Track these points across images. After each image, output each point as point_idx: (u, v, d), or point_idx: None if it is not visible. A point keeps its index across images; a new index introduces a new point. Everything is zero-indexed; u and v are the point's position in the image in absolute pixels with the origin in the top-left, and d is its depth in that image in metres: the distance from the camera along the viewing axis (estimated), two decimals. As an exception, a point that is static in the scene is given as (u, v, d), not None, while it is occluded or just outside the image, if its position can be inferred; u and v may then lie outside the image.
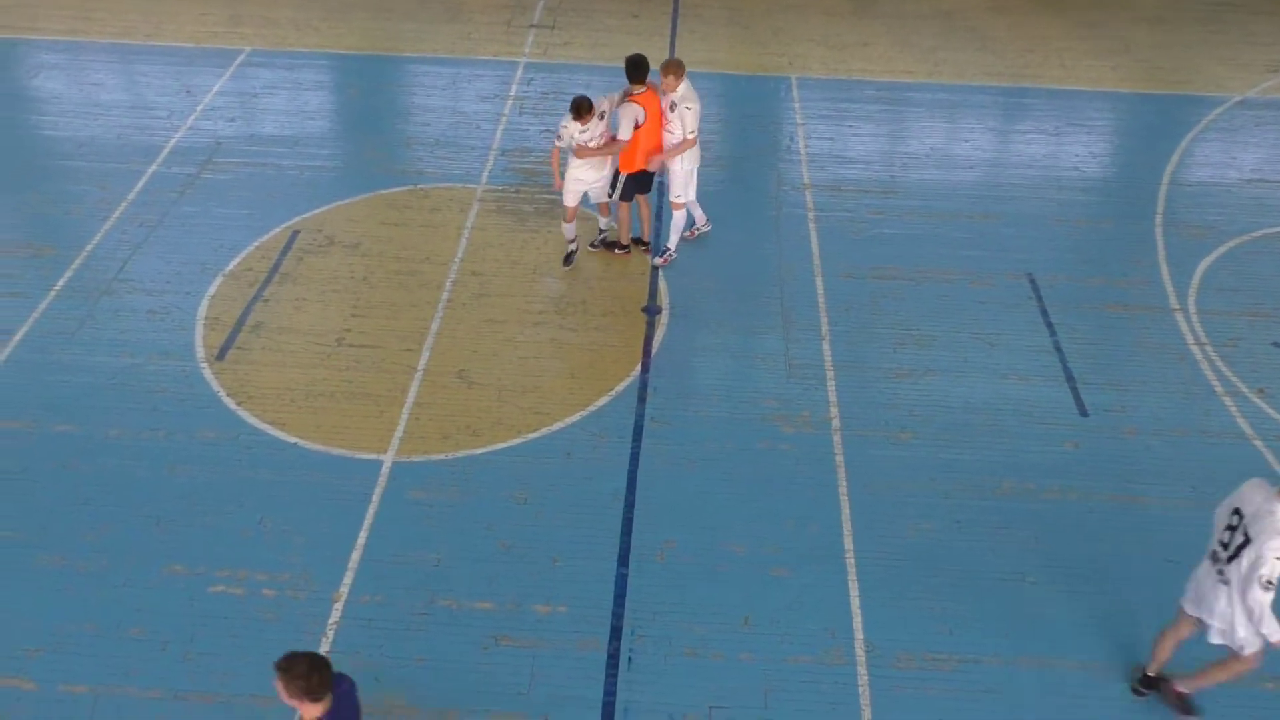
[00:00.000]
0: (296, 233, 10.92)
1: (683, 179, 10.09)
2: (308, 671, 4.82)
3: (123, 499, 8.05)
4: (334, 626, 7.16)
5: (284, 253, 10.61)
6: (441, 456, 8.43)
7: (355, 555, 7.64)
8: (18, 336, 9.49)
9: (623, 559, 7.66)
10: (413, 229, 11.05)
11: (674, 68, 9.69)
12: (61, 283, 10.16)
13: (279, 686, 4.86)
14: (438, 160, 12.21)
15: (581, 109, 9.46)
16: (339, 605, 7.30)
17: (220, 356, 9.36)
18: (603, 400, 8.99)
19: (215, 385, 9.08)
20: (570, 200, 10.15)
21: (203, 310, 9.87)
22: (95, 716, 6.64)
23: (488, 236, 10.93)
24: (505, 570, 7.56)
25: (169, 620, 7.20)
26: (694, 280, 10.40)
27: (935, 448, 8.67)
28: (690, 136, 9.82)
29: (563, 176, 10.15)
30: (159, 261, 10.47)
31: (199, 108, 13.11)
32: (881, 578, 7.62)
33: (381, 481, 8.21)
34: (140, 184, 11.61)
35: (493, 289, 10.21)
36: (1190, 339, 9.92)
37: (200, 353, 9.40)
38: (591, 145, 9.78)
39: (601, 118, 9.73)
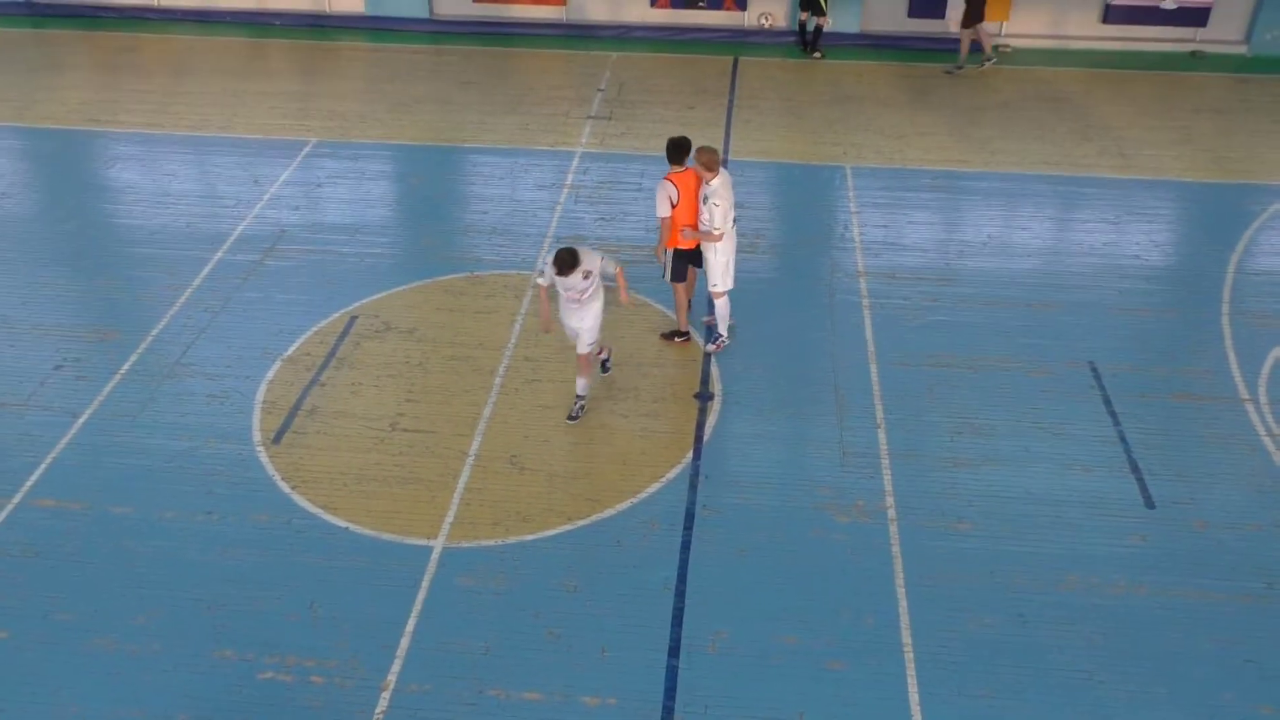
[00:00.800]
0: (355, 318, 11.09)
1: (720, 269, 10.05)
2: None
3: (175, 582, 8.08)
4: (381, 716, 7.06)
5: (341, 338, 10.77)
6: (492, 542, 8.37)
7: (404, 642, 7.56)
8: (82, 419, 9.68)
9: (673, 650, 7.49)
10: (467, 315, 11.17)
11: (704, 156, 9.59)
12: (126, 367, 10.38)
13: None
14: (494, 247, 12.39)
15: (563, 264, 8.76)
16: (386, 694, 7.20)
17: (276, 440, 9.45)
18: (654, 487, 8.91)
19: (270, 469, 9.15)
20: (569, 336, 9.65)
21: (261, 394, 10.01)
22: (138, 803, 6.57)
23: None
24: (554, 660, 7.42)
25: (217, 707, 7.15)
26: (747, 366, 10.34)
27: (995, 539, 8.43)
28: (716, 231, 9.76)
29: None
30: (220, 346, 10.67)
31: (265, 197, 13.49)
32: (941, 674, 7.36)
33: (431, 567, 8.16)
34: (206, 270, 11.91)
35: (545, 374, 10.25)
36: (1261, 429, 9.62)
37: (257, 436, 9.50)
38: (571, 295, 9.14)
39: (586, 276, 8.99)
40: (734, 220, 9.95)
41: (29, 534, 8.51)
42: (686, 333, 10.69)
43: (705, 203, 9.65)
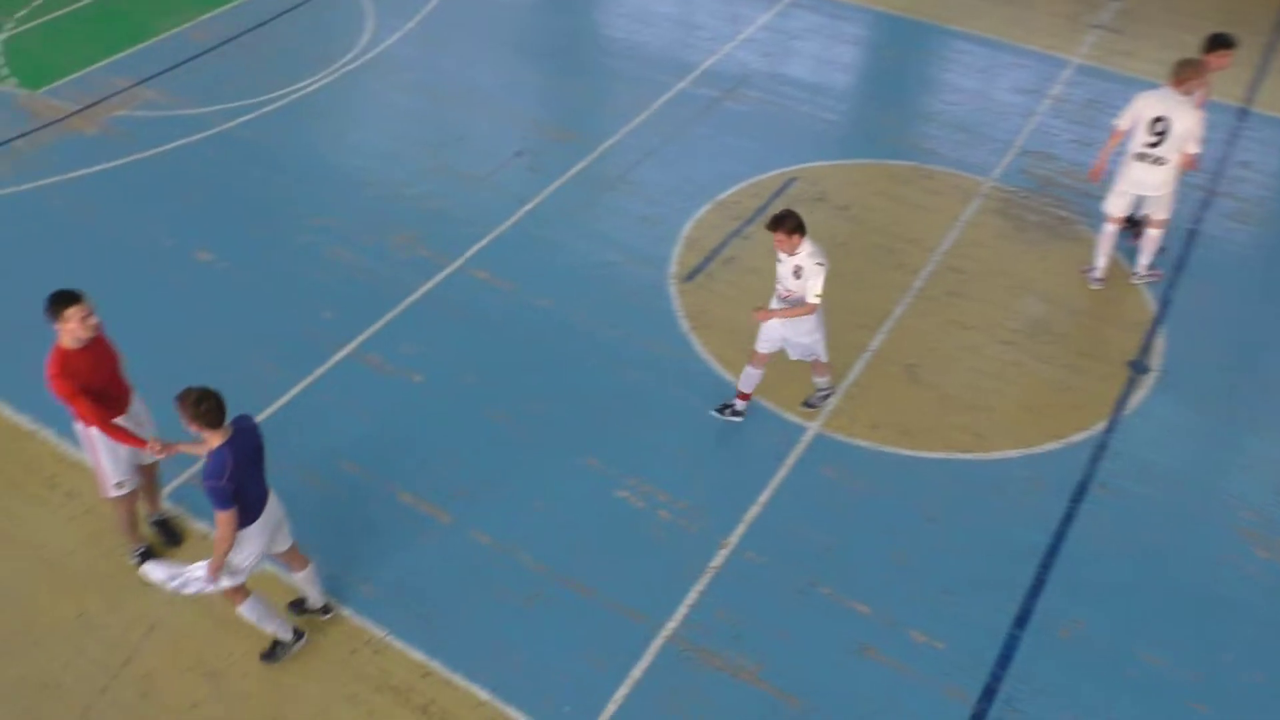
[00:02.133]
0: (793, 180, 10.92)
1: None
2: (197, 400, 5.56)
3: (569, 382, 8.55)
4: (713, 570, 7.18)
5: (775, 195, 10.66)
6: (865, 444, 8.12)
7: (754, 510, 7.58)
8: (527, 207, 10.34)
9: (1020, 620, 6.97)
10: (906, 207, 10.64)
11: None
12: (576, 169, 10.92)
13: (181, 417, 5.61)
14: (953, 143, 11.64)
15: (775, 220, 7.37)
16: (724, 552, 7.30)
17: (689, 278, 9.62)
18: (1051, 445, 8.19)
19: (676, 304, 9.35)
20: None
21: (687, 229, 10.19)
22: (491, 565, 7.16)
23: (981, 235, 10.28)
24: (894, 582, 7.16)
25: (569, 507, 7.58)
26: (1200, 348, 9.11)
27: None
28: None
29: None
30: (662, 173, 10.93)
31: (739, 36, 13.44)
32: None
33: (800, 448, 8.07)
34: (667, 96, 12.14)
35: (969, 291, 9.61)
36: None
37: (673, 269, 9.72)
38: (779, 287, 7.76)
39: (797, 274, 7.52)
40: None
41: (462, 296, 9.31)
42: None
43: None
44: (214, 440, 5.71)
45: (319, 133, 11.31)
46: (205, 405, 5.61)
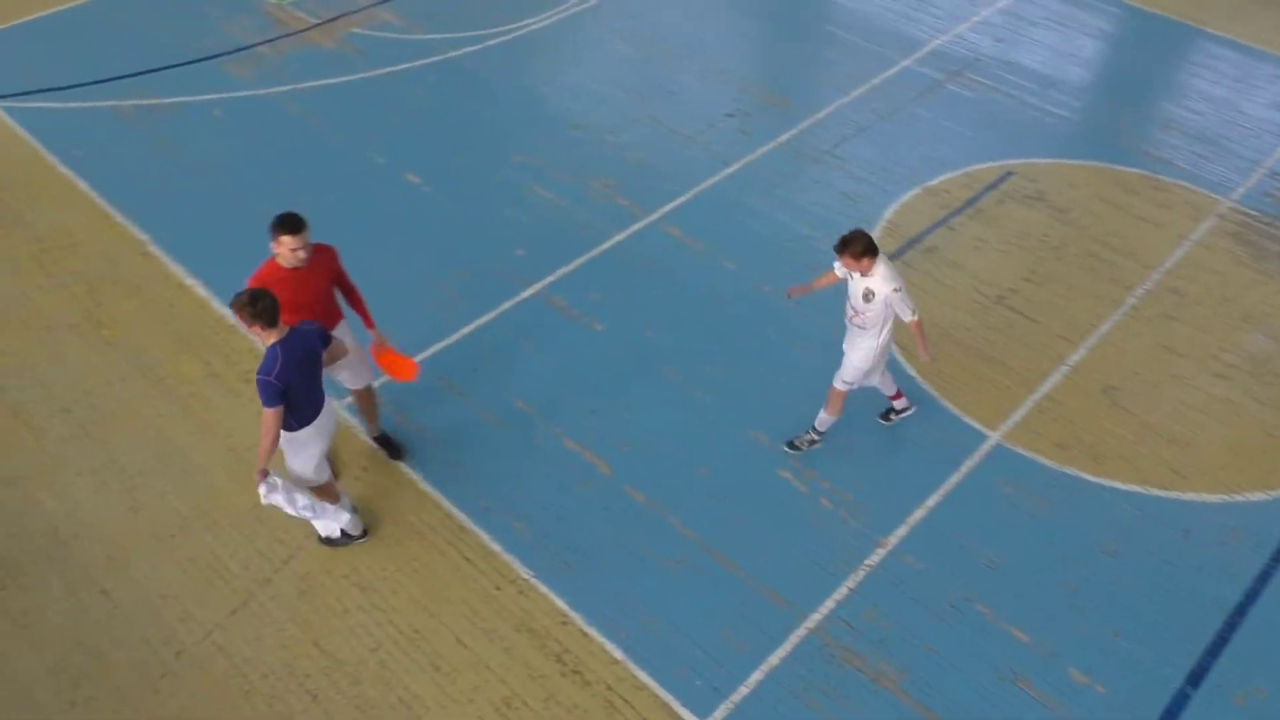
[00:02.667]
0: (1010, 174, 10.36)
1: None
2: (252, 300, 5.76)
3: (747, 352, 8.41)
4: (867, 568, 6.95)
5: (989, 189, 10.14)
6: (1049, 463, 7.67)
7: (918, 513, 7.29)
8: (730, 169, 10.18)
9: (1194, 677, 6.47)
10: (1129, 217, 9.95)
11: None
12: (785, 137, 10.67)
13: (240, 321, 5.83)
14: (1191, 155, 10.79)
15: (843, 242, 6.82)
16: (881, 552, 7.05)
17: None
18: (1257, 495, 7.55)
19: (868, 287, 9.03)
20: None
21: (890, 212, 9.82)
22: (642, 524, 7.14)
23: (1210, 258, 9.52)
24: (1060, 613, 6.76)
25: (731, 478, 7.47)
26: None
27: None
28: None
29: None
30: (873, 150, 10.55)
31: (973, 18, 12.81)
32: None
33: (977, 456, 7.70)
34: (888, 73, 11.70)
35: (1187, 316, 8.92)
36: None
37: (869, 251, 9.39)
38: (848, 311, 7.14)
39: (868, 297, 6.94)
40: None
41: (653, 251, 9.26)
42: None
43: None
44: (269, 338, 5.92)
45: (536, 71, 11.42)
46: (260, 304, 5.81)
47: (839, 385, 7.37)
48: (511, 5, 12.38)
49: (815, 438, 7.67)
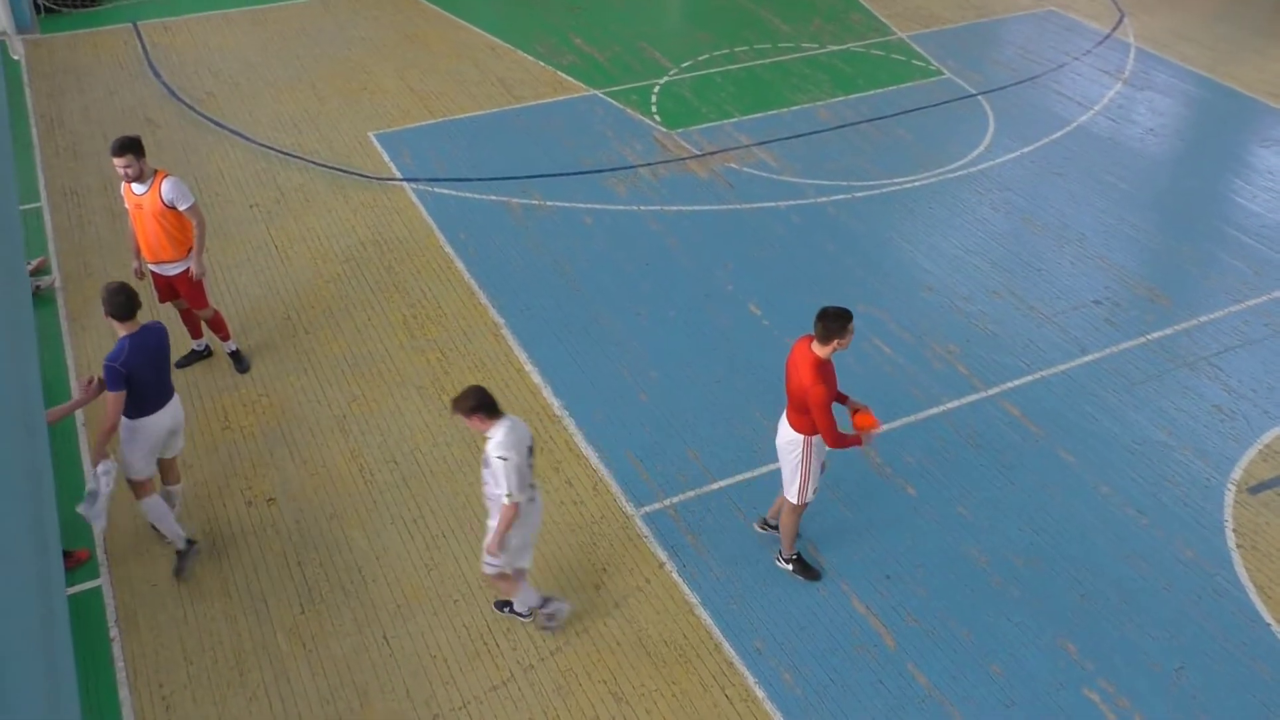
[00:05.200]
0: None
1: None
2: (114, 292, 6.59)
3: (1068, 553, 7.64)
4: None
5: (1400, 433, 8.76)
6: None
7: (1249, 785, 6.18)
8: (1088, 357, 9.48)
9: None
10: None
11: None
12: (1156, 335, 9.82)
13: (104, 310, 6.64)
14: None
15: (462, 400, 6.34)
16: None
17: (1255, 490, 8.19)
18: None
19: (1226, 512, 8.00)
20: None
21: (1269, 437, 8.70)
22: (925, 714, 6.54)
23: None
24: None
25: (1025, 684, 6.72)
26: None
27: None
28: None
29: None
30: (1258, 366, 9.47)
31: None
32: None
33: (1337, 737, 6.46)
34: (1294, 286, 10.55)
35: None
36: None
37: (1236, 474, 8.34)
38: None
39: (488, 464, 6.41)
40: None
41: (984, 425, 8.74)
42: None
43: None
44: (121, 330, 6.68)
45: (899, 228, 11.31)
46: (119, 298, 6.59)
47: (485, 569, 6.65)
48: (889, 162, 12.43)
49: (524, 617, 7.06)
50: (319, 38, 15.18)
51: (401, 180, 11.89)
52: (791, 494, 7.08)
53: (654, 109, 13.52)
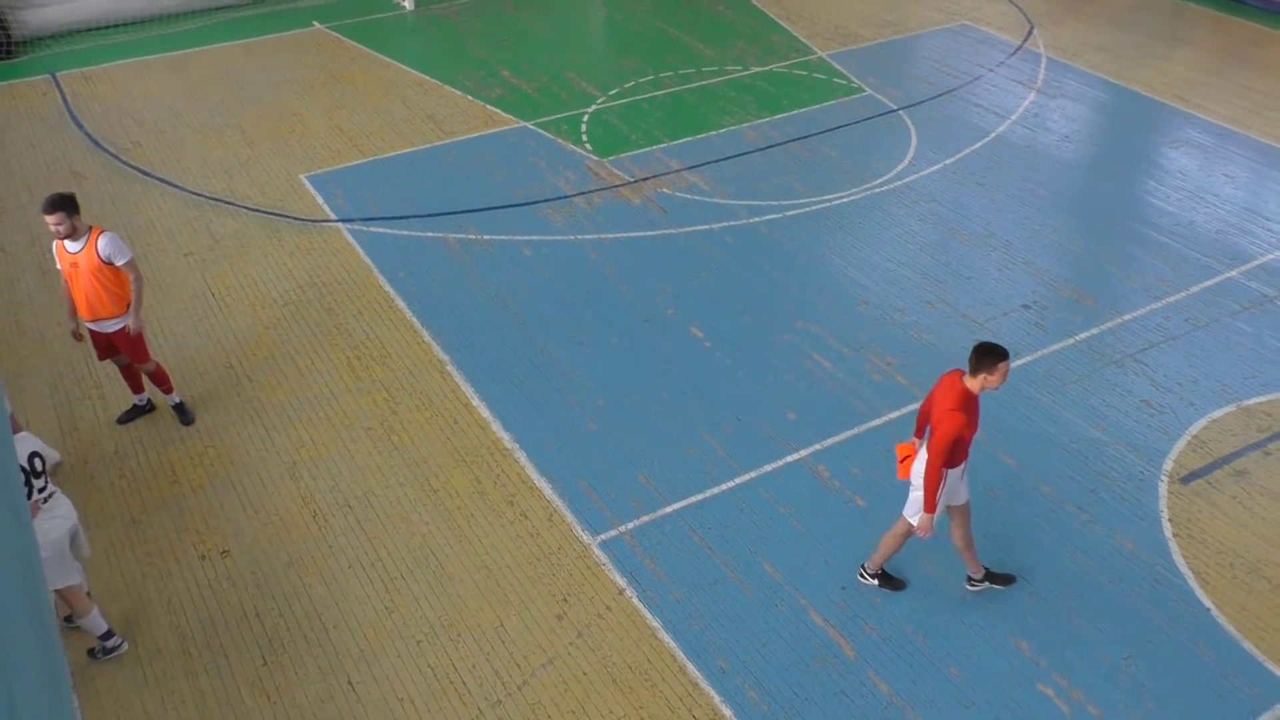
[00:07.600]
0: (1345, 404, 9.34)
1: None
2: None
3: (1017, 555, 7.88)
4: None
5: (1318, 417, 9.17)
6: (1369, 738, 6.60)
7: (1200, 766, 6.43)
8: (1020, 361, 9.77)
9: None
10: None
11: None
12: (1083, 335, 10.17)
13: None
14: None
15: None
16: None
17: (1185, 480, 8.52)
18: None
19: (1162, 504, 8.31)
20: None
21: (1197, 428, 9.06)
22: (882, 716, 6.70)
23: None
24: None
25: (982, 685, 6.92)
26: None
27: None
28: None
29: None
30: (1181, 360, 9.85)
31: (1315, 235, 11.87)
32: None
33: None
34: (1208, 282, 10.98)
35: None
36: None
37: (1168, 465, 8.67)
38: None
39: (38, 474, 6.77)
40: None
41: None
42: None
43: None
44: None
45: (831, 244, 11.57)
46: None
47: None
48: (817, 179, 12.71)
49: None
50: (243, 81, 15.10)
51: (336, 221, 11.88)
52: (910, 513, 7.13)
53: (584, 138, 13.66)
